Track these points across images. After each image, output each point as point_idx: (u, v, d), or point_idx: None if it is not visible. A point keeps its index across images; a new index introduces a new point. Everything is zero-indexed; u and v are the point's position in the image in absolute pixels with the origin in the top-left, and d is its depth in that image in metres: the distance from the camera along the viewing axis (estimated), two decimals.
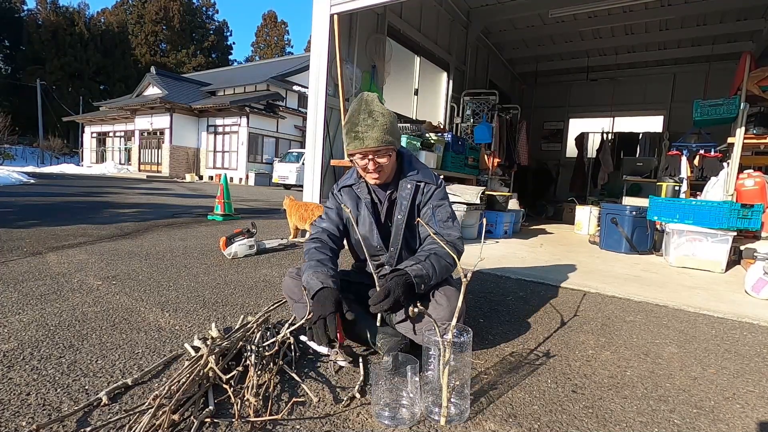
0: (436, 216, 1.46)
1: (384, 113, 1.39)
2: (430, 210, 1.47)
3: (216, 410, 0.99)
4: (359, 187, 1.53)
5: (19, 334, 1.39)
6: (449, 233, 1.44)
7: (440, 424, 0.99)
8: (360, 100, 1.42)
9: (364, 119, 1.36)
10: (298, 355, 1.32)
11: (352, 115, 1.40)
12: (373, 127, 1.35)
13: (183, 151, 19.24)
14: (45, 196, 6.56)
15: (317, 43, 4.03)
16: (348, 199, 1.55)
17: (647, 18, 6.39)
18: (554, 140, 10.07)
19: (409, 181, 1.48)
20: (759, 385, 1.33)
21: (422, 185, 1.48)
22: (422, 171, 1.51)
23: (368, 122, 1.36)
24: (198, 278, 2.24)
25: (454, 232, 1.45)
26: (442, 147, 4.66)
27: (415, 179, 1.48)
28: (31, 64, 33.57)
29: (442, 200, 1.49)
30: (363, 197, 1.51)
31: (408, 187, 1.47)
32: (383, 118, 1.37)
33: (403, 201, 1.47)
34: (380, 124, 1.36)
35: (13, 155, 25.48)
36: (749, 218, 3.10)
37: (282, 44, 47.50)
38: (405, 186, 1.48)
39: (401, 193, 1.48)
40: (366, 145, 1.36)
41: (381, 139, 1.36)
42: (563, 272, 2.90)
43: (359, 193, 1.52)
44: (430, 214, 1.47)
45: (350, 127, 1.39)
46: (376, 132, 1.35)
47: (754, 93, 3.82)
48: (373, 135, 1.35)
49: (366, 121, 1.36)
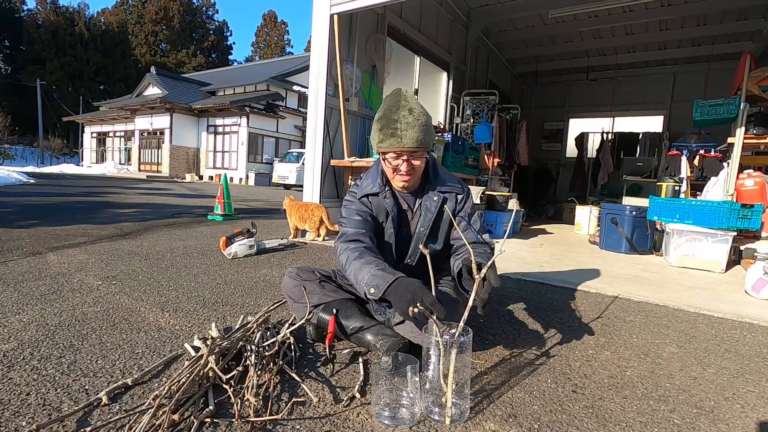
0: (473, 224, 1.45)
1: (423, 112, 1.32)
2: (465, 220, 1.45)
3: (216, 410, 0.99)
4: (386, 196, 1.43)
5: (19, 334, 1.39)
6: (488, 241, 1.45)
7: (445, 424, 0.99)
8: (398, 96, 1.33)
9: (404, 116, 1.28)
10: (298, 355, 1.32)
11: (390, 110, 1.30)
12: (414, 126, 1.27)
13: (183, 151, 19.25)
14: (45, 196, 6.56)
15: (317, 43, 4.03)
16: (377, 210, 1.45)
17: (647, 18, 6.39)
18: (554, 140, 10.07)
19: (437, 193, 1.42)
20: (759, 385, 1.33)
21: (452, 195, 1.44)
22: (447, 178, 1.46)
23: (409, 120, 1.28)
24: (198, 278, 2.24)
25: (489, 239, 1.47)
26: (442, 147, 4.65)
27: (443, 191, 1.43)
28: (31, 64, 33.58)
29: (474, 208, 1.49)
30: (390, 208, 1.43)
31: (435, 199, 1.41)
32: (423, 118, 1.30)
33: (428, 213, 1.41)
34: (420, 123, 1.29)
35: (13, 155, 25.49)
36: (749, 218, 3.10)
37: (282, 44, 47.53)
38: (431, 197, 1.42)
39: (426, 203, 1.42)
40: (404, 144, 1.28)
41: (420, 140, 1.29)
42: (563, 272, 2.90)
43: (386, 204, 1.43)
44: (465, 224, 1.44)
45: (386, 122, 1.29)
46: (416, 131, 1.28)
47: (754, 93, 3.82)
48: (413, 134, 1.27)
49: (407, 118, 1.28)
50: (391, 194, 1.43)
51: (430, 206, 1.42)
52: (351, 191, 1.51)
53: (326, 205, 4.05)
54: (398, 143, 1.28)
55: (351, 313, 1.40)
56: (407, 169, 1.33)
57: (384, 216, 1.45)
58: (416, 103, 1.32)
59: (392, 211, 1.42)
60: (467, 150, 5.25)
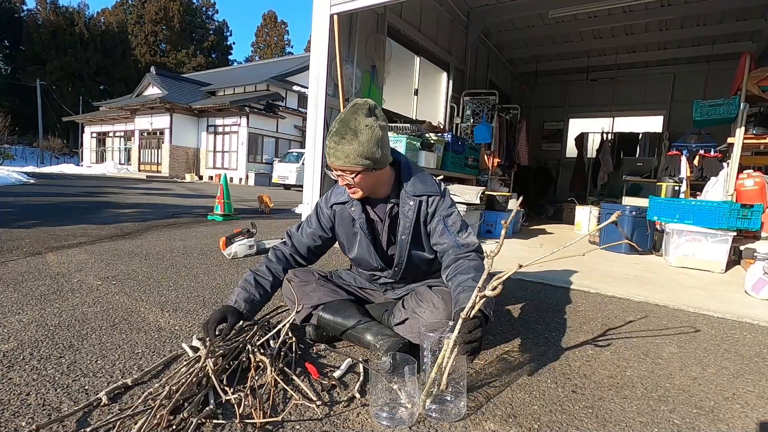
0: (450, 228, 1.36)
1: (363, 129, 1.23)
2: (441, 223, 1.37)
3: (216, 411, 0.99)
4: (353, 206, 1.41)
5: (19, 334, 1.39)
6: (468, 242, 1.36)
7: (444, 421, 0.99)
8: (348, 110, 1.28)
9: (336, 131, 1.25)
10: (298, 354, 1.32)
11: (333, 125, 1.27)
12: (343, 144, 1.23)
13: (183, 151, 19.25)
14: (45, 196, 6.56)
15: (317, 43, 4.03)
16: (340, 221, 1.46)
17: (647, 18, 6.38)
18: (554, 140, 10.07)
19: (411, 197, 1.37)
20: (759, 385, 1.33)
21: (425, 198, 1.37)
22: (423, 181, 1.39)
23: (337, 137, 1.24)
24: (198, 278, 2.24)
25: (471, 239, 1.37)
26: (442, 147, 4.66)
27: (417, 194, 1.37)
28: (31, 64, 33.56)
29: (450, 208, 1.39)
30: (357, 217, 1.41)
31: (410, 204, 1.37)
32: (361, 136, 1.23)
33: (406, 221, 1.38)
34: (358, 141, 1.23)
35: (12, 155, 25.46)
36: (749, 218, 3.10)
37: (282, 44, 47.53)
38: (407, 202, 1.37)
39: (403, 210, 1.38)
40: (331, 162, 1.28)
41: (350, 160, 1.24)
42: (563, 272, 2.90)
43: (353, 213, 1.41)
44: (442, 227, 1.36)
45: (328, 136, 1.28)
46: (346, 150, 1.23)
47: (754, 93, 3.81)
48: (341, 153, 1.24)
49: (338, 134, 1.24)
50: (359, 204, 1.41)
51: (407, 212, 1.37)
52: (325, 196, 1.53)
53: None
54: (328, 159, 1.30)
55: (350, 313, 1.40)
56: (343, 183, 1.34)
57: (351, 225, 1.45)
58: (361, 118, 1.25)
59: (359, 218, 1.41)
60: (467, 150, 5.25)
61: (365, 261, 1.48)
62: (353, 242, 1.47)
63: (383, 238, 1.44)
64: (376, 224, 1.44)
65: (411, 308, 1.34)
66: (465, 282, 1.22)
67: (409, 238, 1.39)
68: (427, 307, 1.31)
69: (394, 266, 1.45)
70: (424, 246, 1.44)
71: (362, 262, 1.50)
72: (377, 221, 1.44)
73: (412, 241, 1.40)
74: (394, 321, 1.37)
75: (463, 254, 1.33)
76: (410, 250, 1.41)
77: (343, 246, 1.53)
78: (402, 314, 1.35)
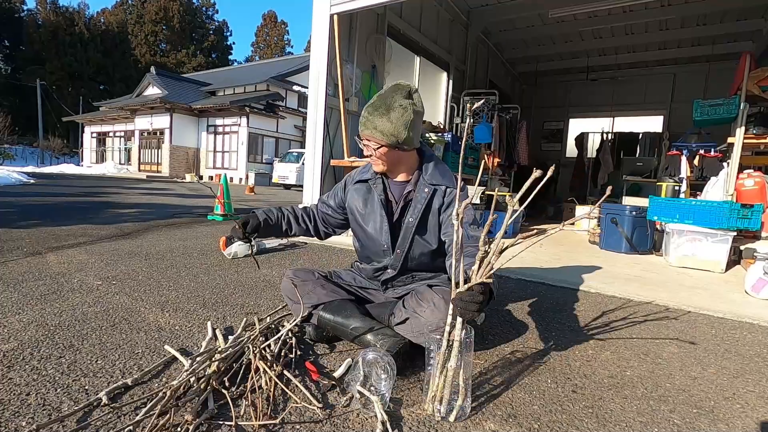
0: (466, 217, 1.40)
1: (397, 108, 1.33)
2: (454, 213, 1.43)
3: (216, 412, 0.99)
4: (375, 183, 1.50)
5: (19, 334, 1.39)
6: (478, 235, 1.35)
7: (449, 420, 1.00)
8: (390, 87, 1.40)
9: (373, 104, 1.37)
10: (299, 355, 1.32)
11: (374, 96, 1.40)
12: (375, 117, 1.34)
13: (183, 151, 19.25)
14: (45, 196, 6.56)
15: (317, 43, 4.03)
16: (358, 196, 1.53)
17: (647, 18, 6.38)
18: (554, 140, 10.07)
19: (427, 185, 1.43)
20: (759, 385, 1.33)
21: (441, 189, 1.43)
22: (442, 173, 1.46)
23: (371, 108, 1.36)
24: (198, 278, 2.24)
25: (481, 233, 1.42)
26: (442, 147, 4.65)
27: (433, 183, 1.42)
28: (31, 64, 33.57)
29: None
30: (378, 193, 1.48)
31: (425, 190, 1.42)
32: (393, 114, 1.32)
33: (418, 204, 1.42)
34: (388, 117, 1.33)
35: (13, 155, 25.47)
36: (749, 218, 3.10)
37: (282, 44, 47.53)
38: (422, 188, 1.43)
39: (417, 195, 1.43)
40: (361, 130, 1.39)
41: (377, 132, 1.34)
42: (563, 272, 2.90)
43: (375, 189, 1.49)
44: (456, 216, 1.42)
45: (365, 106, 1.40)
46: (375, 122, 1.34)
47: (754, 93, 3.81)
48: (371, 124, 1.35)
49: (373, 106, 1.36)
50: (381, 182, 1.49)
51: (420, 197, 1.43)
52: (349, 175, 1.62)
53: None
54: (360, 128, 1.40)
55: (351, 313, 1.40)
56: (368, 153, 1.42)
57: (370, 199, 1.51)
58: (399, 98, 1.35)
59: (380, 195, 1.48)
60: (467, 150, 5.25)
61: (375, 240, 1.49)
62: (369, 217, 1.51)
63: (395, 218, 1.49)
64: (392, 205, 1.50)
65: (411, 308, 1.34)
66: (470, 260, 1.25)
67: (416, 222, 1.43)
68: (427, 307, 1.31)
69: (397, 248, 1.47)
70: (430, 234, 1.45)
71: (371, 242, 1.51)
72: (393, 202, 1.50)
73: (419, 226, 1.43)
74: (395, 321, 1.37)
75: (471, 244, 1.34)
76: (415, 234, 1.44)
77: (358, 222, 1.54)
78: (402, 314, 1.35)
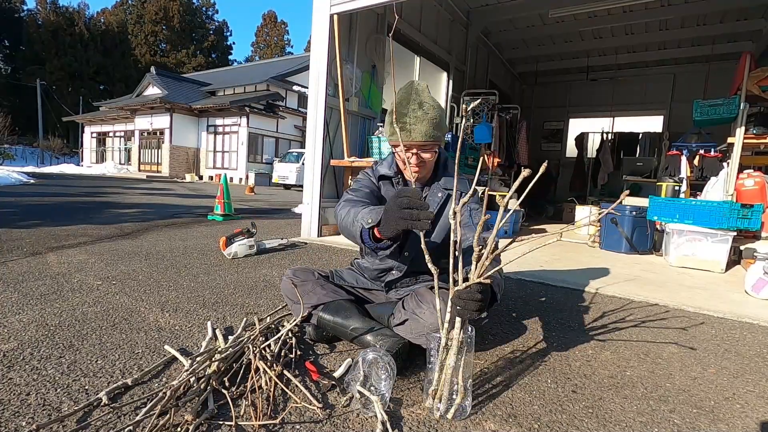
0: (474, 218, 1.42)
1: (434, 106, 1.33)
2: (467, 211, 1.42)
3: (216, 412, 0.99)
4: (398, 181, 1.48)
5: (19, 334, 1.39)
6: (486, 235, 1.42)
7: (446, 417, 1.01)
8: (410, 89, 1.36)
9: (413, 110, 1.31)
10: (299, 355, 1.32)
11: (401, 103, 1.33)
12: (423, 120, 1.30)
13: (183, 151, 19.25)
14: (45, 196, 6.56)
15: (317, 43, 4.03)
16: (387, 191, 1.49)
17: (647, 18, 6.38)
18: (554, 140, 10.06)
19: (441, 189, 1.43)
20: (759, 385, 1.33)
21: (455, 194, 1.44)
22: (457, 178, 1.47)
23: (418, 114, 1.30)
24: (198, 278, 2.24)
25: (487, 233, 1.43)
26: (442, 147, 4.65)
27: (448, 188, 1.43)
28: (31, 64, 33.58)
29: (478, 204, 1.47)
30: None
31: (439, 195, 1.43)
32: (433, 112, 1.32)
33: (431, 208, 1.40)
34: (430, 117, 1.31)
35: (13, 155, 25.46)
36: (749, 218, 3.10)
37: (282, 44, 47.55)
38: (436, 193, 1.43)
39: (431, 198, 1.43)
40: (413, 138, 1.32)
41: (429, 134, 1.31)
42: (563, 272, 2.90)
43: (398, 186, 1.47)
44: (467, 214, 1.42)
45: (397, 116, 1.31)
46: (425, 125, 1.31)
47: (754, 93, 3.81)
48: (422, 128, 1.31)
49: (416, 112, 1.31)
50: (402, 181, 1.48)
51: (433, 201, 1.44)
52: (365, 172, 1.56)
53: (326, 205, 4.05)
54: (407, 137, 1.32)
55: (350, 314, 1.40)
56: (416, 161, 1.37)
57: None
58: (428, 97, 1.34)
59: None
60: (467, 150, 5.25)
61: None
62: None
63: None
64: None
65: (411, 309, 1.34)
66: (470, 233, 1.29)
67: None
68: (427, 308, 1.31)
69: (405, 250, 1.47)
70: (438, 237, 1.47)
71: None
72: None
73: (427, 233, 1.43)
74: (395, 322, 1.37)
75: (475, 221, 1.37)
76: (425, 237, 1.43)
77: None
78: (402, 315, 1.35)
